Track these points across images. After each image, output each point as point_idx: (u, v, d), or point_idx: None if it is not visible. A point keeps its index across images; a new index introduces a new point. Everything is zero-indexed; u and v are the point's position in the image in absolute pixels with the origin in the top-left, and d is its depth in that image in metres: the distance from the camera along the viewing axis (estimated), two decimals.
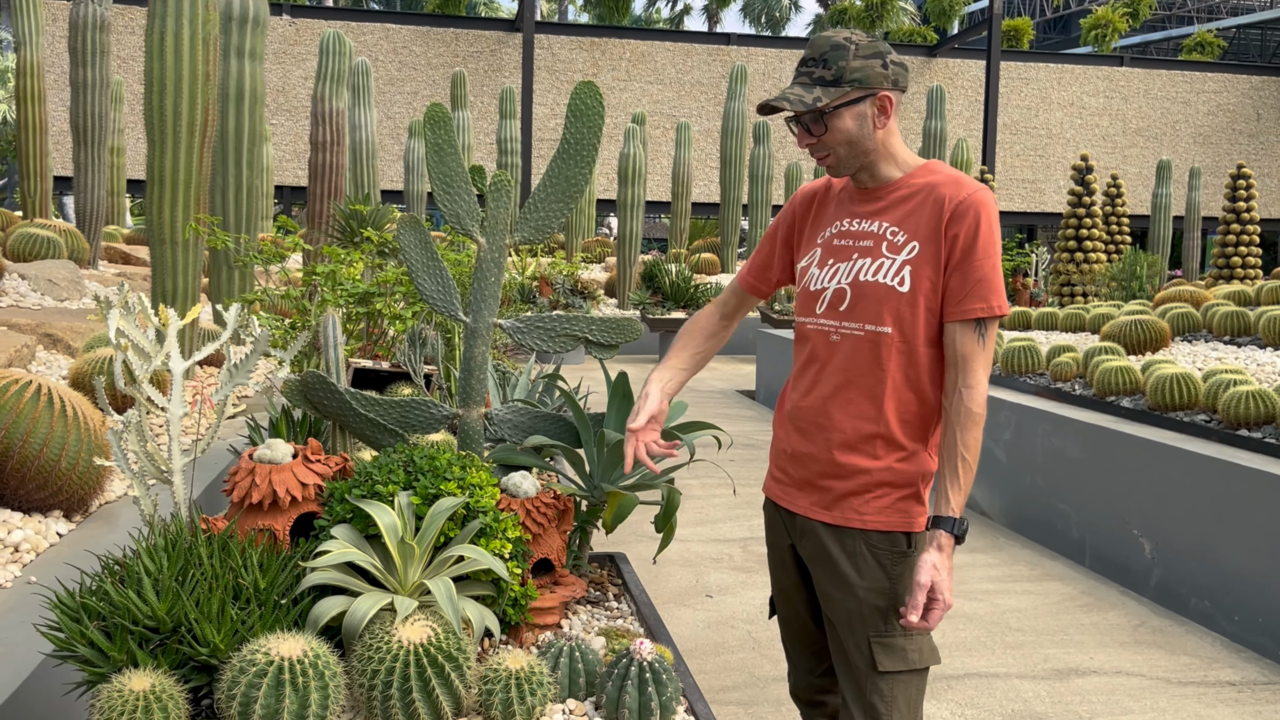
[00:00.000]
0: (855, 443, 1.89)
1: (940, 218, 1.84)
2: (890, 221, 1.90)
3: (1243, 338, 6.37)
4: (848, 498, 1.90)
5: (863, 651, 1.87)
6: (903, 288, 1.85)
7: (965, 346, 1.84)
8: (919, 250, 1.85)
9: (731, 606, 4.24)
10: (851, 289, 1.90)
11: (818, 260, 1.97)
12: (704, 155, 22.89)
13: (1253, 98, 25.68)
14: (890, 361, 1.87)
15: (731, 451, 7.56)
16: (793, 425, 1.99)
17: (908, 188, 1.90)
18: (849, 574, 1.88)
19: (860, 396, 1.88)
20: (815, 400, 1.94)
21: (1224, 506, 4.08)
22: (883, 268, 1.87)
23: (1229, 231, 14.96)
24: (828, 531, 1.92)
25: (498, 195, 2.49)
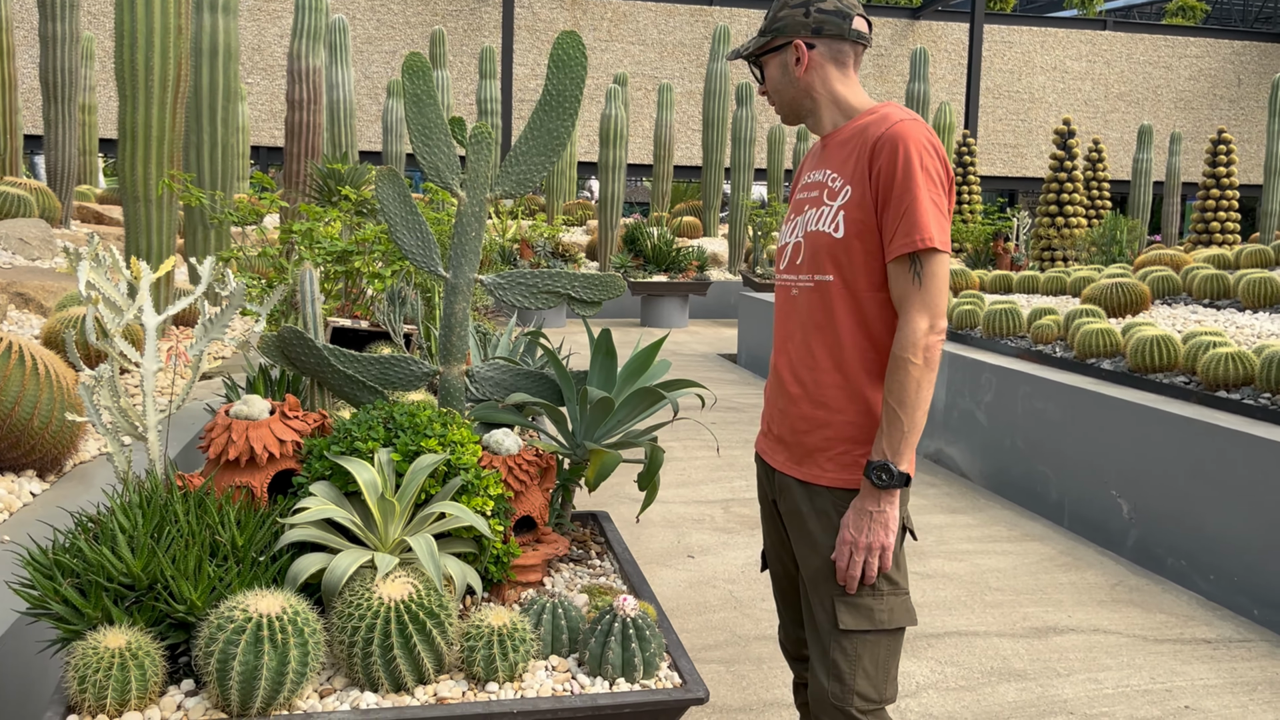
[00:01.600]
0: (817, 395, 1.88)
1: (866, 156, 1.80)
2: (832, 167, 1.89)
3: (1222, 300, 6.40)
4: (814, 453, 1.90)
5: (826, 610, 1.85)
6: (838, 234, 1.82)
7: (899, 286, 1.78)
8: (851, 193, 1.82)
9: (713, 566, 4.25)
10: (805, 241, 1.90)
11: (787, 216, 2.02)
12: (686, 118, 22.73)
13: (1234, 63, 25.69)
14: (838, 310, 1.84)
15: (713, 414, 7.57)
16: (771, 381, 2.01)
17: (848, 131, 1.89)
18: (815, 532, 1.88)
19: (819, 348, 1.87)
20: (784, 355, 1.95)
21: (1202, 467, 4.11)
22: (823, 215, 1.86)
23: (1209, 197, 15.01)
24: (800, 489, 1.92)
25: (478, 147, 2.44)
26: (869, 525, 1.79)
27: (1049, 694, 3.15)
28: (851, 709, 1.82)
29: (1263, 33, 26.37)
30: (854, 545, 1.80)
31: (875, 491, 1.79)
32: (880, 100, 14.63)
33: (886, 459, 1.78)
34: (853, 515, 1.81)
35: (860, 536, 1.79)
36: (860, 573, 1.81)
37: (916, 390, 1.75)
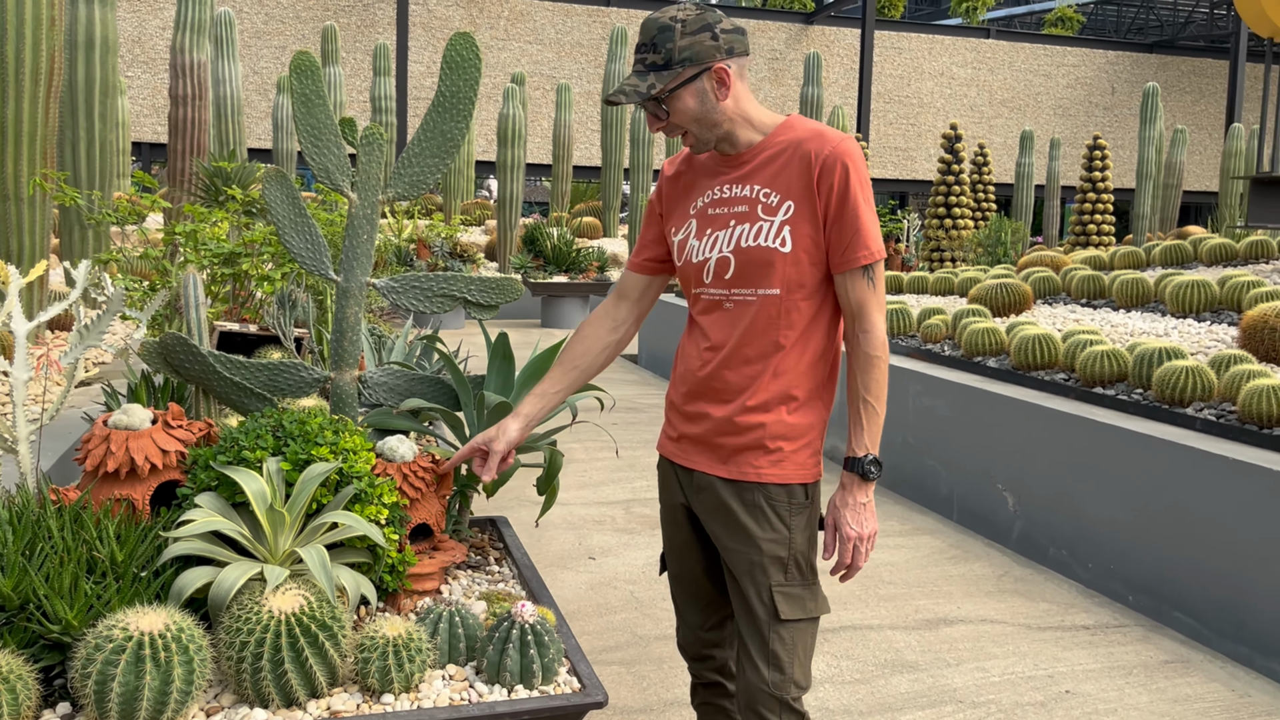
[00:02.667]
0: (750, 401, 1.92)
1: (810, 173, 1.87)
2: (761, 184, 1.91)
3: (1098, 300, 6.69)
4: (744, 452, 1.94)
5: (765, 601, 1.91)
6: (785, 248, 1.88)
7: (858, 294, 1.90)
8: (795, 209, 1.88)
9: (614, 567, 4.26)
10: (735, 256, 1.92)
11: (694, 231, 1.98)
12: (585, 118, 22.72)
13: (1108, 72, 26.87)
14: (780, 321, 1.90)
15: (614, 415, 7.58)
16: (689, 387, 2.01)
17: (772, 147, 1.92)
18: (749, 526, 1.92)
19: (754, 357, 1.92)
20: (711, 364, 1.96)
21: (1080, 460, 4.28)
22: (763, 231, 1.89)
23: (1086, 200, 15.66)
24: (726, 486, 1.95)
25: (369, 149, 2.40)
26: (864, 516, 1.93)
27: (940, 684, 3.24)
28: (788, 697, 1.90)
29: (1134, 43, 27.66)
30: (859, 539, 1.92)
31: (865, 484, 1.93)
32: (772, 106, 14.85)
33: (871, 452, 1.92)
34: (848, 513, 1.93)
35: (861, 529, 1.92)
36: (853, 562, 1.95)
37: (885, 384, 1.94)
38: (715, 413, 1.96)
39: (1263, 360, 4.53)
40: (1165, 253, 7.52)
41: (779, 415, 1.92)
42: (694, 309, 2.03)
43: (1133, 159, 26.20)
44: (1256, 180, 6.10)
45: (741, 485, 1.94)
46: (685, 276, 2.02)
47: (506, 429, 2.09)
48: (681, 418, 2.04)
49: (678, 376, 2.06)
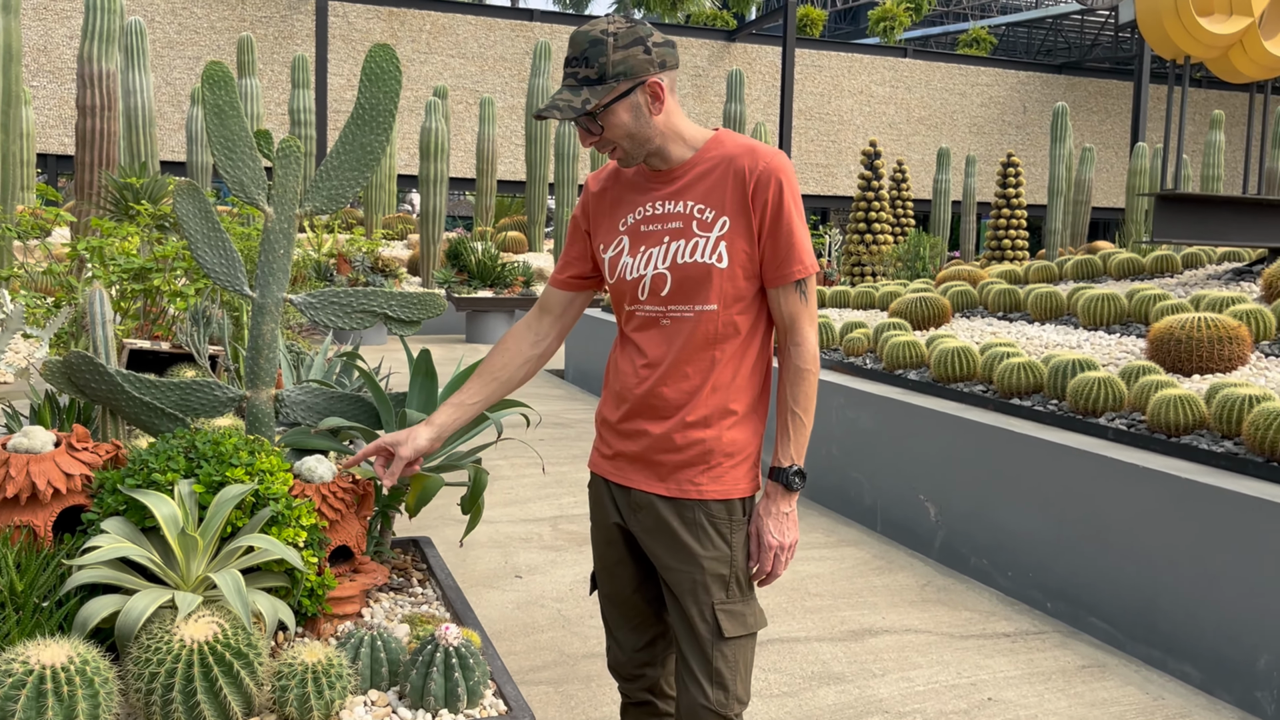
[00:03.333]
0: (689, 417, 1.91)
1: (745, 189, 1.88)
2: (695, 199, 1.91)
3: (1014, 313, 6.85)
4: (683, 469, 1.93)
5: (707, 620, 1.90)
6: (721, 264, 1.88)
7: (791, 308, 1.92)
8: (730, 224, 1.88)
9: (541, 586, 4.21)
10: (672, 273, 1.90)
11: (627, 248, 1.95)
12: (509, 132, 22.64)
13: (1020, 92, 27.68)
14: (718, 336, 1.90)
15: (540, 430, 7.53)
16: (625, 404, 1.98)
17: (704, 163, 1.92)
18: (691, 545, 1.91)
19: (693, 373, 1.91)
20: (648, 381, 1.93)
21: (999, 470, 4.37)
22: (698, 247, 1.89)
23: (1000, 216, 16.09)
24: (666, 504, 1.94)
25: (286, 162, 2.34)
26: (786, 526, 1.94)
27: (866, 694, 3.27)
28: (732, 714, 1.91)
29: (1044, 64, 28.55)
30: (780, 548, 1.93)
31: (788, 494, 1.94)
32: (696, 122, 14.91)
33: (796, 463, 1.93)
34: (771, 521, 1.93)
35: (783, 538, 1.93)
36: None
37: (814, 396, 1.95)
38: (654, 429, 1.94)
39: (1169, 371, 4.68)
40: (1077, 267, 7.75)
41: (718, 430, 1.92)
42: (627, 326, 2.00)
43: (1044, 176, 27.01)
44: (1160, 197, 6.32)
45: (682, 503, 1.93)
46: (618, 293, 1.99)
47: (416, 435, 2.02)
48: (617, 435, 2.01)
49: (611, 394, 2.02)
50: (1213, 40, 6.21)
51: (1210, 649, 3.35)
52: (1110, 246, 13.04)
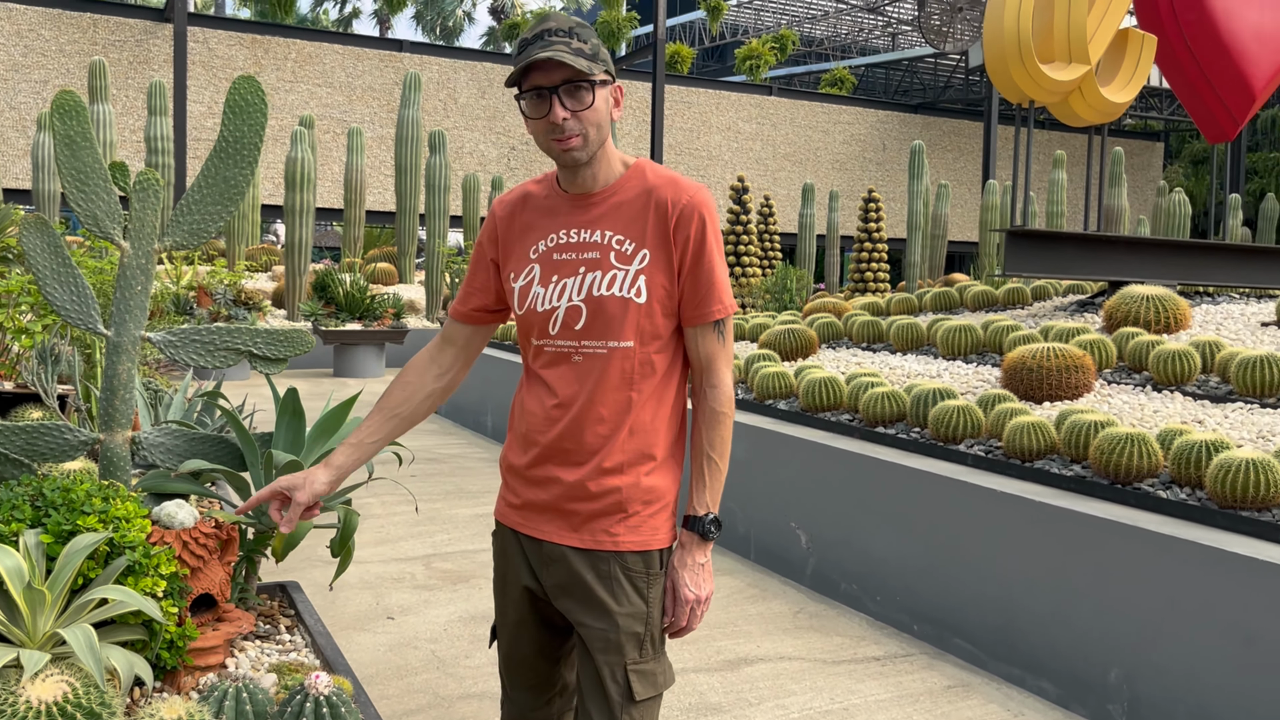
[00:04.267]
0: (605, 463, 1.81)
1: (666, 223, 1.81)
2: (613, 230, 1.82)
3: (877, 344, 7.09)
4: (599, 518, 1.82)
5: (618, 681, 1.80)
6: (640, 299, 1.79)
7: (708, 348, 1.85)
8: (650, 258, 1.80)
9: (415, 626, 4.12)
10: (587, 305, 1.80)
11: (538, 278, 1.84)
12: (378, 162, 22.30)
13: (879, 130, 28.83)
14: (635, 375, 1.81)
15: (414, 467, 7.38)
16: (534, 448, 1.86)
17: (624, 191, 1.83)
18: (606, 601, 1.80)
19: (609, 415, 1.80)
20: (560, 423, 1.82)
21: (866, 497, 4.50)
22: (616, 279, 1.79)
23: (863, 249, 16.66)
24: (580, 557, 1.82)
25: (144, 196, 2.25)
26: (702, 578, 1.85)
27: None
28: None
29: (902, 104, 29.84)
30: (696, 601, 1.84)
31: (704, 544, 1.85)
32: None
33: (711, 511, 1.85)
34: (687, 574, 1.84)
35: (700, 591, 1.84)
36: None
37: (729, 440, 1.88)
38: (567, 476, 1.82)
39: (1023, 398, 4.91)
40: (935, 299, 8.08)
41: (636, 477, 1.82)
42: (535, 362, 1.88)
43: (904, 210, 28.11)
44: (1010, 234, 6.66)
45: (597, 555, 1.81)
46: (527, 326, 1.87)
47: (314, 478, 1.88)
48: (526, 483, 1.87)
49: (518, 437, 1.89)
50: (1054, 86, 6.61)
51: (1066, 665, 3.52)
52: (965, 279, 13.66)
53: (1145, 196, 31.36)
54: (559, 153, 1.77)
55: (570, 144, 1.75)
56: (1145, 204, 31.05)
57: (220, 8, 35.96)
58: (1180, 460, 3.61)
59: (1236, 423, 4.21)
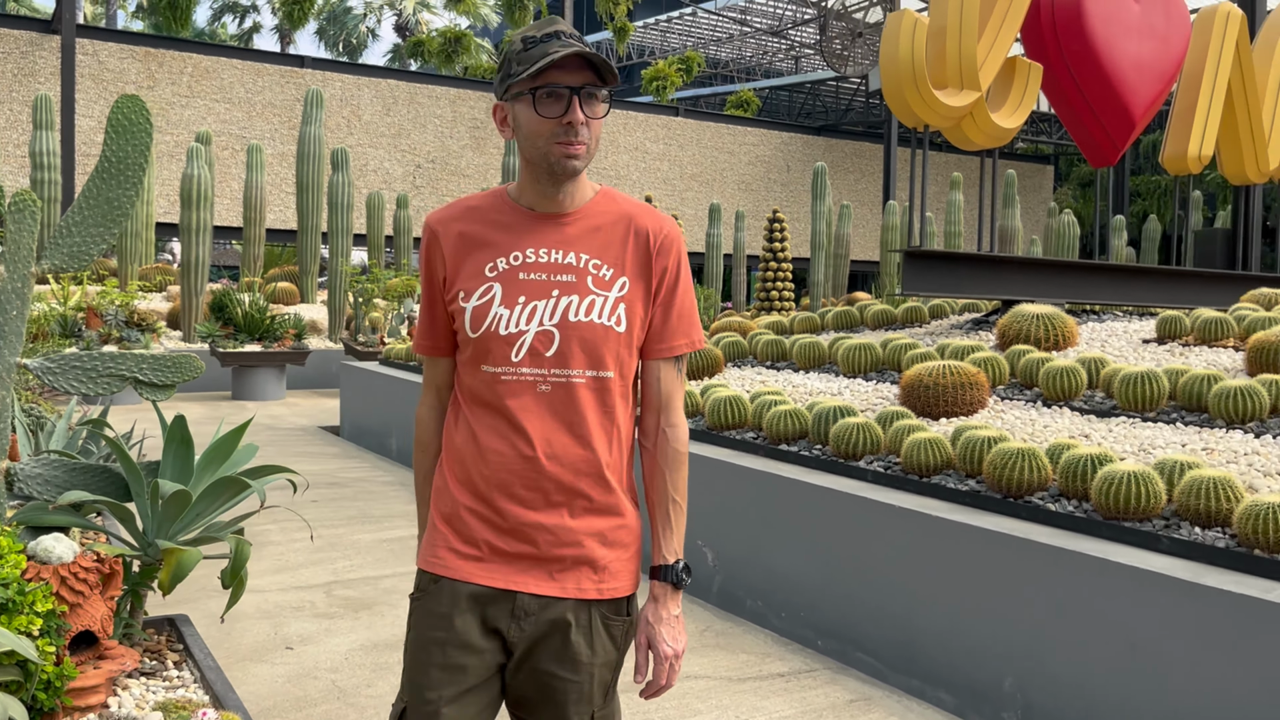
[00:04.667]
0: (586, 504, 1.72)
1: (648, 252, 1.75)
2: (590, 253, 1.73)
3: (781, 363, 7.20)
4: (580, 565, 1.72)
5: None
6: (620, 327, 1.72)
7: (669, 384, 1.80)
8: (630, 286, 1.73)
9: (314, 656, 4.02)
10: (560, 331, 1.69)
11: (500, 298, 1.70)
12: (279, 180, 21.83)
13: (784, 151, 29.36)
14: (606, 409, 1.72)
15: (315, 491, 7.21)
16: (501, 490, 1.71)
17: (597, 215, 1.76)
18: (583, 652, 1.71)
19: (588, 451, 1.71)
20: (538, 462, 1.69)
21: (770, 514, 4.55)
22: (595, 305, 1.71)
23: (768, 268, 16.90)
24: (559, 607, 1.71)
25: (20, 218, 2.16)
26: (678, 631, 1.77)
27: None
28: None
29: (805, 126, 30.46)
30: (675, 657, 1.75)
31: (676, 593, 1.78)
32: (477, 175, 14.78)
33: (680, 557, 1.79)
34: (664, 628, 1.76)
35: (677, 645, 1.76)
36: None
37: (686, 484, 1.81)
38: (547, 520, 1.70)
39: (920, 415, 5.04)
40: (837, 318, 8.24)
41: (614, 520, 1.74)
42: (489, 392, 1.71)
43: (808, 231, 28.64)
44: (908, 254, 6.84)
45: (578, 604, 1.71)
46: (480, 351, 1.71)
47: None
48: (492, 529, 1.71)
49: (476, 478, 1.72)
50: (948, 112, 6.83)
51: (963, 675, 3.60)
52: (867, 297, 13.97)
53: (1037, 217, 32.54)
54: (561, 158, 1.67)
55: (577, 151, 1.66)
56: (1037, 225, 32.22)
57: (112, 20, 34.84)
58: (1068, 474, 3.74)
59: (1120, 436, 4.38)
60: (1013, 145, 33.73)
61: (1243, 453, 3.94)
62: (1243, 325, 5.71)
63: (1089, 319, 7.38)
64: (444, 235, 1.76)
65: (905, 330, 7.66)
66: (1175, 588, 3.00)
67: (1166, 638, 3.00)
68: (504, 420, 1.70)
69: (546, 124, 1.65)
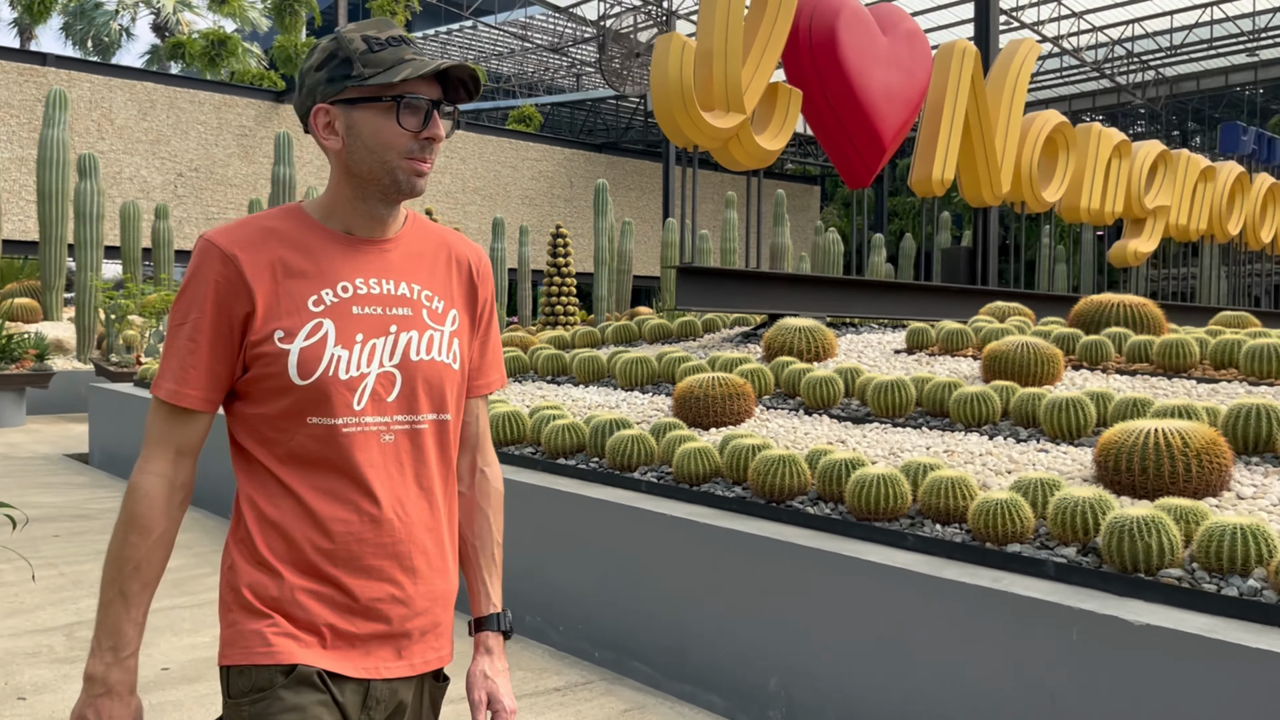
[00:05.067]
0: (435, 566, 1.55)
1: (472, 283, 1.62)
2: (419, 283, 1.56)
3: (561, 377, 7.23)
4: (425, 636, 1.54)
5: None
6: (455, 365, 1.56)
7: (484, 421, 1.70)
8: (459, 320, 1.59)
9: (52, 706, 3.68)
10: (402, 372, 1.50)
11: (333, 336, 1.47)
12: (18, 187, 20.02)
13: (566, 167, 29.63)
14: (451, 455, 1.58)
15: (57, 525, 6.63)
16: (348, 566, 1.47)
17: (416, 241, 1.58)
18: None
19: (432, 504, 1.54)
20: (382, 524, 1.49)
21: (548, 528, 4.56)
22: (434, 342, 1.54)
23: (552, 283, 16.99)
24: (406, 687, 1.53)
25: None
26: (509, 683, 1.64)
27: None
28: None
29: (587, 143, 30.86)
30: (514, 713, 1.62)
31: (501, 641, 1.67)
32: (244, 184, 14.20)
33: (499, 605, 1.68)
34: (502, 681, 1.63)
35: (514, 700, 1.63)
36: None
37: None
38: (397, 591, 1.50)
39: (692, 425, 5.18)
40: (616, 332, 8.37)
41: (451, 581, 1.58)
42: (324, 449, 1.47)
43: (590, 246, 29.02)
44: (681, 270, 7.03)
45: (421, 680, 1.56)
46: (315, 400, 1.45)
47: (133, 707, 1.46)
48: (334, 611, 1.47)
49: (313, 553, 1.46)
50: (715, 133, 7.09)
51: (731, 678, 3.72)
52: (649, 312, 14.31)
53: (806, 235, 34.30)
54: (411, 176, 1.49)
55: (426, 170, 1.51)
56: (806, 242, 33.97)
57: None
58: (825, 478, 3.95)
59: (873, 441, 4.66)
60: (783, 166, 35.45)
61: (978, 453, 4.28)
62: (980, 336, 6.21)
63: (848, 331, 7.83)
64: (246, 263, 1.46)
65: (680, 344, 7.87)
66: (918, 582, 3.21)
67: (911, 628, 3.21)
68: (346, 480, 1.47)
69: (402, 137, 1.47)
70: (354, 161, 1.49)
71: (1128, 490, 3.55)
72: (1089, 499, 3.22)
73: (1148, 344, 5.55)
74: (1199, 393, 4.93)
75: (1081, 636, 2.79)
